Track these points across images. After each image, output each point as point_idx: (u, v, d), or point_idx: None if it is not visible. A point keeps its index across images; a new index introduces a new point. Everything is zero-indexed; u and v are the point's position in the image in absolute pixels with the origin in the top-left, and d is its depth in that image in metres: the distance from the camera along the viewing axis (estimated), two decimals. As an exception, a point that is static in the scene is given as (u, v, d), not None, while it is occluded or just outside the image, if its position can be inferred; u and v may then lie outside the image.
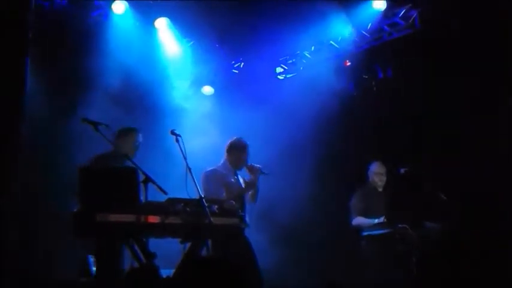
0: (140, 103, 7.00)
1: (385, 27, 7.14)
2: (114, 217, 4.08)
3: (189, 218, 4.33)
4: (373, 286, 5.46)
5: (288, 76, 8.35)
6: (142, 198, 4.35)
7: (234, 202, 4.84)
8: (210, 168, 5.34)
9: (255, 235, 5.33)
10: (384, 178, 6.11)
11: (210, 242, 5.02)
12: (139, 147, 4.89)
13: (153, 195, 4.49)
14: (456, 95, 6.25)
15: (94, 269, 5.53)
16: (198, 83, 8.15)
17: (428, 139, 6.58)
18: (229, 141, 5.49)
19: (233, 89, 8.20)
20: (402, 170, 5.74)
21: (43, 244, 5.76)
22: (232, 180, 5.34)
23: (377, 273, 5.47)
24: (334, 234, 7.02)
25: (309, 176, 7.32)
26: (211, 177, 5.22)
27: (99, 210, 4.04)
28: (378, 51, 7.28)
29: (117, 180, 4.23)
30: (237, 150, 5.41)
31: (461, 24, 6.13)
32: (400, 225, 5.43)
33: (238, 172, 5.49)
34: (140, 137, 4.91)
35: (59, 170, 5.93)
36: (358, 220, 5.90)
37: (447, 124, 6.36)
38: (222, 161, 5.46)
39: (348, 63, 7.69)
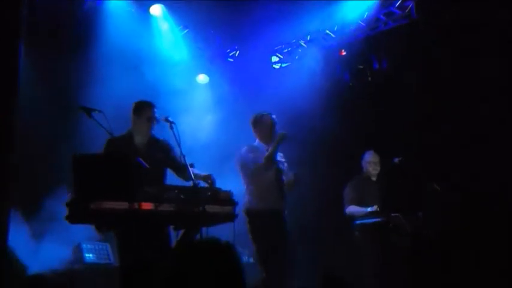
0: (134, 89, 6.95)
1: (381, 16, 7.12)
2: (107, 204, 4.07)
3: (182, 205, 4.32)
4: (367, 275, 5.48)
5: (283, 65, 8.32)
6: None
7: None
8: (247, 145, 5.49)
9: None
10: (378, 167, 6.11)
11: (248, 226, 5.22)
12: (154, 122, 4.84)
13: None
14: (452, 85, 6.24)
15: (87, 256, 5.56)
16: (192, 71, 8.12)
17: (423, 129, 6.57)
18: (250, 119, 5.57)
19: (228, 77, 8.17)
20: (396, 160, 5.75)
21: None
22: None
23: (370, 262, 5.49)
24: (329, 224, 7.02)
25: (303, 166, 7.31)
26: (248, 150, 5.38)
27: (92, 198, 4.02)
28: (374, 40, 7.26)
29: (110, 167, 4.21)
30: (261, 124, 5.48)
31: (458, 14, 6.12)
32: (393, 214, 5.44)
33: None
34: (155, 112, 4.87)
35: (55, 160, 5.90)
36: (351, 209, 5.91)
37: (443, 114, 6.36)
38: (256, 141, 5.54)
39: (344, 53, 7.67)
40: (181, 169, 4.83)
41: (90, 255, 5.53)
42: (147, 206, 4.21)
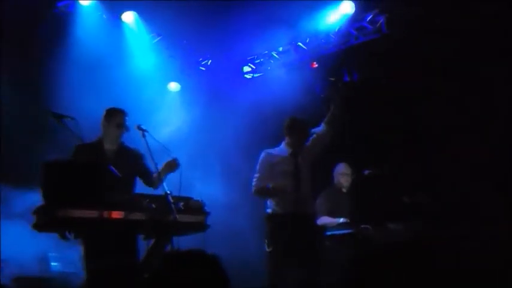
0: (106, 96, 6.87)
1: (353, 30, 7.24)
2: (76, 212, 3.99)
3: (153, 214, 4.27)
4: (336, 286, 5.50)
5: (255, 75, 8.36)
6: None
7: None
8: (265, 150, 5.35)
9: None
10: (349, 179, 6.16)
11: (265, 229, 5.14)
12: (125, 129, 4.77)
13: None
14: (422, 98, 6.34)
15: (53, 264, 5.44)
16: (164, 79, 8.08)
17: (393, 141, 6.65)
18: (286, 122, 5.37)
19: (199, 86, 8.16)
20: (366, 172, 5.81)
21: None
22: (285, 164, 5.21)
23: (339, 273, 5.51)
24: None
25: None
26: (261, 160, 5.28)
27: (60, 205, 3.94)
28: (345, 54, 7.35)
29: (80, 174, 4.14)
30: (296, 130, 5.32)
31: (428, 30, 6.25)
32: (362, 226, 5.48)
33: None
34: (126, 120, 4.80)
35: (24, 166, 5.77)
36: (323, 219, 5.93)
37: (413, 127, 6.46)
38: (281, 145, 5.39)
39: (315, 65, 7.75)
40: (148, 175, 4.83)
41: (57, 264, 5.41)
42: (117, 214, 4.16)
